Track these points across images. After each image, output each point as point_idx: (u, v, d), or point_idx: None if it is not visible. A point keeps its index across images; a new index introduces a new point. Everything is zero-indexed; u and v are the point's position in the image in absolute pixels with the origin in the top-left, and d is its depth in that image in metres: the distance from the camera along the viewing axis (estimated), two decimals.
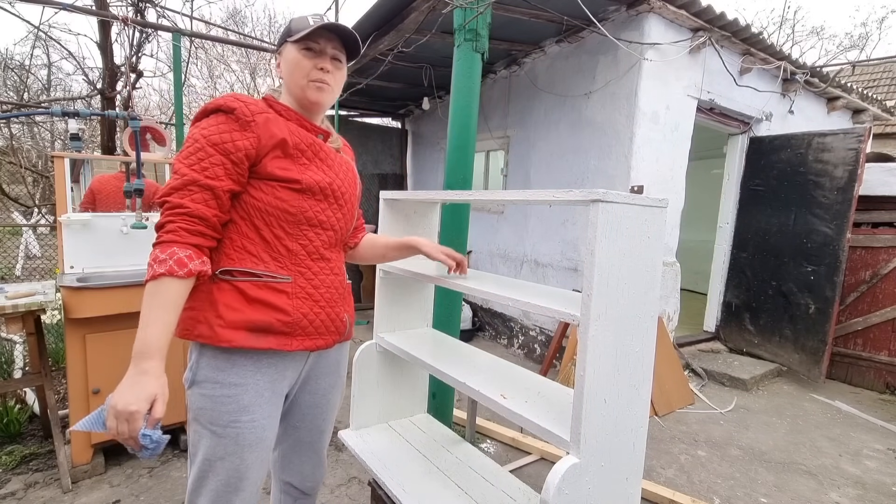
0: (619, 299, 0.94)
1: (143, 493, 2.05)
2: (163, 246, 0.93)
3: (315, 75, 1.07)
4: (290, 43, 1.07)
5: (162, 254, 0.92)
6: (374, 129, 6.48)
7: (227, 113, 1.00)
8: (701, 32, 3.33)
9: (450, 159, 2.22)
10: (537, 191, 1.02)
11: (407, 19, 3.13)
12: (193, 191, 0.95)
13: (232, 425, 1.00)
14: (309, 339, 1.08)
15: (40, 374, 2.19)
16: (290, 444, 1.25)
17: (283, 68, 1.10)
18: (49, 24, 6.90)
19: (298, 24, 1.07)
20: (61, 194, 2.29)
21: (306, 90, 1.07)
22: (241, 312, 0.99)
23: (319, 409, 1.23)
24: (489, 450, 2.56)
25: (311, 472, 1.29)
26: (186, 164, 0.97)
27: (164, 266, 0.91)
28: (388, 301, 1.62)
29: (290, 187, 1.03)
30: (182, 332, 1.01)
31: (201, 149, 0.97)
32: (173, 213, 0.94)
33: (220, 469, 1.01)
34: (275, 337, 1.02)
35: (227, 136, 0.98)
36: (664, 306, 3.64)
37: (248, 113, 1.00)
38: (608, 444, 0.97)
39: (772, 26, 14.18)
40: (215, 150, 0.97)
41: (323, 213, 1.08)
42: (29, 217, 7.03)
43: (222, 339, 0.97)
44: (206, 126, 0.99)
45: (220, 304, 0.99)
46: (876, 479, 2.44)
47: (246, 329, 0.99)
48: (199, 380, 1.01)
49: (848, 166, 3.44)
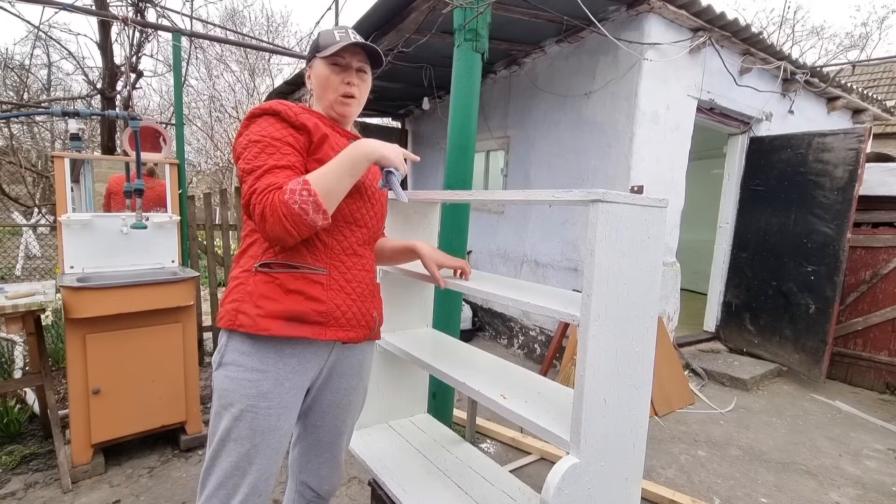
0: (619, 299, 0.94)
1: (143, 493, 2.05)
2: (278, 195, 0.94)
3: (342, 90, 1.15)
4: (319, 58, 1.14)
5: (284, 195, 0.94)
6: (374, 129, 6.48)
7: (273, 115, 1.04)
8: (701, 32, 3.33)
9: (450, 159, 2.22)
10: (537, 191, 1.02)
11: (407, 19, 3.13)
12: (276, 171, 0.98)
13: (250, 409, 1.03)
14: (341, 330, 1.12)
15: (40, 374, 2.19)
16: (310, 444, 1.27)
17: (314, 82, 1.17)
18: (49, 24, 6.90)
19: (326, 40, 1.13)
20: (61, 194, 2.29)
21: (334, 104, 1.16)
22: (279, 303, 1.04)
23: (340, 408, 1.25)
24: (489, 450, 2.56)
25: (328, 474, 1.30)
26: (260, 161, 0.99)
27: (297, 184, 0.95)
28: (388, 301, 1.61)
29: None
30: (225, 322, 1.06)
31: (268, 145, 1.01)
32: (267, 191, 0.95)
33: (232, 450, 1.05)
34: (310, 326, 1.06)
35: (285, 132, 1.03)
36: (664, 306, 3.64)
37: (292, 114, 1.05)
38: (608, 444, 0.97)
39: (772, 26, 14.19)
40: (280, 143, 1.02)
41: (358, 211, 1.14)
42: (29, 217, 7.02)
43: (261, 328, 1.02)
44: (260, 129, 1.03)
45: (259, 295, 1.04)
46: (876, 479, 2.44)
47: (283, 318, 1.04)
48: (225, 362, 1.06)
49: (848, 166, 3.44)
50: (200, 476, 1.09)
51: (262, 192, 0.95)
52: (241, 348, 1.05)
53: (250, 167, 0.99)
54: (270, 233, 0.96)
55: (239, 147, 1.04)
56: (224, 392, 1.06)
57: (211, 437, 1.09)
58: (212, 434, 1.09)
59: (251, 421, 1.04)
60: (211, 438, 1.09)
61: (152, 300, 2.17)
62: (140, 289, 2.13)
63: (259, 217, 0.95)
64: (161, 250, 2.58)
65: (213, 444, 1.07)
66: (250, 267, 1.07)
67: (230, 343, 1.07)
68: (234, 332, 1.06)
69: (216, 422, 1.08)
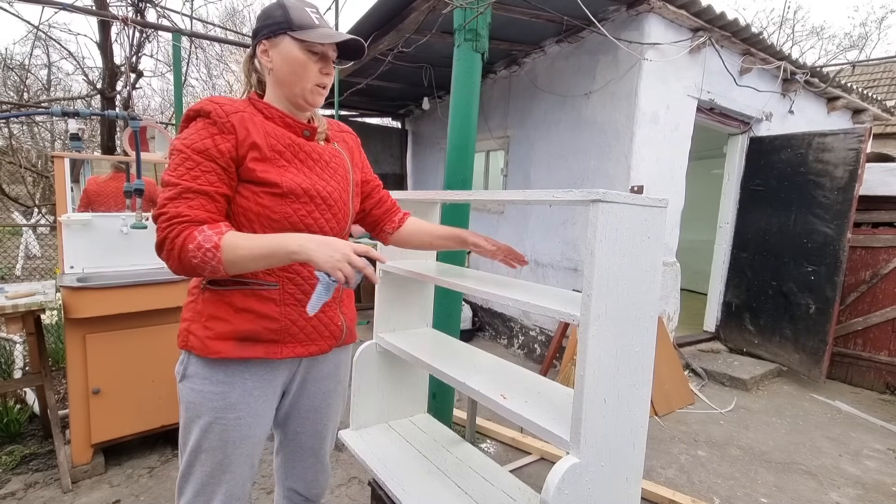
0: (619, 299, 0.94)
1: (143, 493, 2.05)
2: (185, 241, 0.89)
3: (320, 80, 1.04)
4: (291, 38, 1.00)
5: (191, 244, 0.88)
6: (374, 129, 6.48)
7: (204, 117, 0.97)
8: (701, 32, 3.32)
9: (450, 159, 2.22)
10: (537, 191, 1.02)
11: (407, 19, 3.13)
12: (189, 198, 0.92)
13: (218, 421, 1.01)
14: (300, 346, 1.07)
15: (40, 374, 2.19)
16: (292, 450, 1.25)
17: (279, 62, 1.02)
18: (49, 24, 6.89)
19: (300, 17, 1.01)
20: (61, 194, 2.29)
21: (307, 94, 1.04)
22: (228, 323, 1.00)
23: (319, 413, 1.22)
24: (489, 450, 2.56)
25: (314, 477, 1.28)
26: (176, 176, 0.93)
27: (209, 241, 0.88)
28: (388, 301, 1.62)
29: (271, 192, 0.99)
30: (180, 342, 1.04)
31: (188, 158, 0.94)
32: (174, 223, 0.90)
33: (206, 460, 1.03)
34: (263, 345, 1.03)
35: (209, 143, 0.95)
36: (664, 306, 3.64)
37: (222, 114, 0.96)
38: (608, 444, 0.97)
39: (772, 26, 14.19)
40: (202, 158, 0.94)
41: (310, 217, 1.04)
42: (29, 217, 7.03)
43: (211, 351, 0.99)
44: (186, 136, 0.96)
45: (208, 315, 1.01)
46: (876, 479, 2.44)
47: (234, 339, 1.00)
48: (189, 374, 1.03)
49: (848, 166, 3.43)
50: (177, 483, 1.08)
51: (169, 220, 0.90)
52: (204, 361, 1.02)
53: (166, 179, 0.94)
54: (163, 261, 0.92)
55: (170, 150, 0.98)
56: (190, 404, 1.03)
57: (182, 448, 1.07)
58: (182, 445, 1.07)
59: (221, 432, 1.02)
60: (182, 449, 1.06)
61: (152, 300, 2.16)
62: (140, 289, 2.13)
63: (158, 244, 0.91)
64: None
65: (186, 455, 1.05)
66: (199, 283, 1.04)
67: (190, 359, 1.03)
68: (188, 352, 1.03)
69: (185, 433, 1.05)
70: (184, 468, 1.06)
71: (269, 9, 1.03)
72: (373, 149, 6.20)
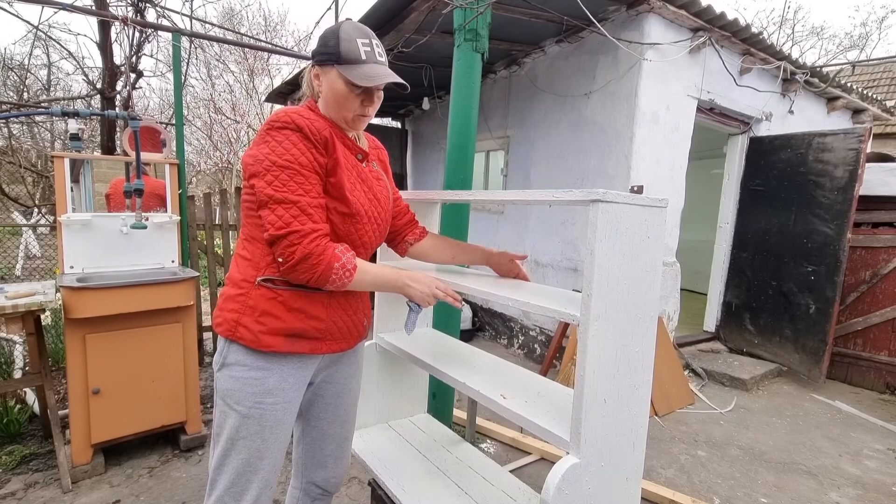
0: (619, 299, 0.94)
1: (143, 493, 2.05)
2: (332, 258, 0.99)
3: (363, 111, 1.11)
4: (338, 72, 1.04)
5: (336, 262, 0.99)
6: (374, 129, 6.47)
7: (297, 132, 1.00)
8: (701, 32, 3.32)
9: (450, 159, 2.22)
10: (537, 191, 1.02)
11: (407, 19, 3.13)
12: (312, 213, 0.99)
13: (257, 406, 1.05)
14: (336, 344, 1.15)
15: (40, 374, 2.19)
16: (314, 438, 1.28)
17: (326, 89, 1.08)
18: (49, 24, 6.90)
19: (349, 51, 1.03)
20: (61, 194, 2.29)
21: (349, 121, 1.11)
22: (281, 320, 1.05)
23: (342, 398, 1.28)
24: (489, 450, 2.56)
25: (334, 465, 1.31)
26: (289, 191, 0.97)
27: (350, 263, 1.01)
28: (389, 301, 1.62)
29: (340, 211, 1.06)
30: (224, 331, 1.06)
31: (297, 173, 0.98)
32: (316, 237, 0.97)
33: (242, 448, 1.06)
34: (308, 342, 1.09)
35: (310, 156, 1.00)
36: (664, 306, 3.64)
37: (315, 131, 1.01)
38: (608, 444, 0.97)
39: (772, 26, 14.20)
40: (308, 171, 1.00)
41: (366, 235, 1.14)
42: (29, 217, 7.03)
43: (263, 345, 1.04)
44: (284, 149, 0.98)
45: (262, 311, 1.04)
46: (876, 479, 2.44)
47: (284, 335, 1.06)
48: (228, 363, 1.06)
49: (848, 166, 3.43)
50: (210, 475, 1.09)
51: (306, 236, 0.96)
52: (244, 349, 1.06)
53: (280, 196, 0.96)
54: (295, 274, 0.98)
55: (257, 163, 0.98)
56: (229, 392, 1.06)
57: (216, 438, 1.09)
58: (217, 434, 1.09)
59: (259, 418, 1.05)
60: (217, 439, 1.09)
61: (152, 300, 2.17)
62: (140, 289, 2.13)
63: (299, 259, 0.96)
64: (161, 250, 2.58)
65: (222, 444, 1.07)
66: (252, 278, 1.06)
67: (232, 346, 1.07)
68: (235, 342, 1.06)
69: (222, 421, 1.08)
70: (218, 459, 1.08)
71: (326, 35, 1.07)
72: None
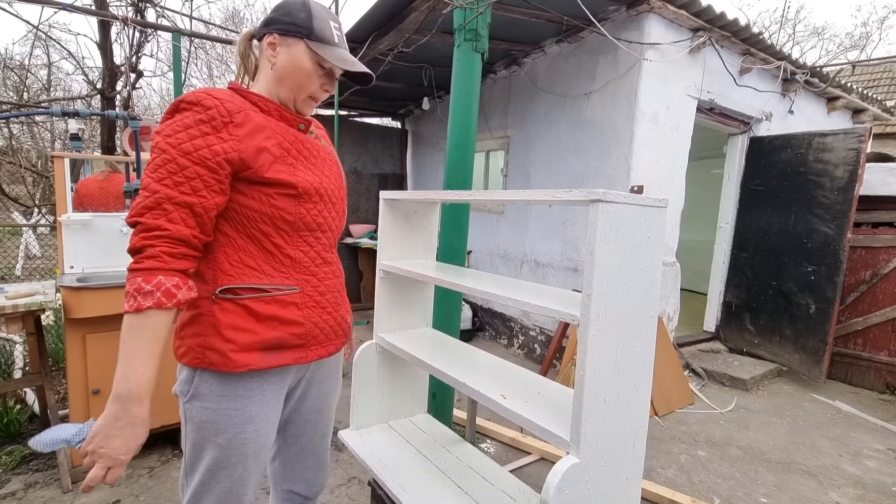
0: (619, 299, 0.94)
1: (143, 493, 2.05)
2: (145, 274, 0.83)
3: (317, 93, 1.04)
4: (307, 47, 0.98)
5: (147, 284, 0.82)
6: (374, 129, 6.47)
7: (199, 112, 0.88)
8: (701, 32, 3.32)
9: (450, 159, 2.22)
10: (537, 191, 1.02)
11: (407, 19, 3.13)
12: (169, 209, 0.85)
13: (238, 437, 0.97)
14: (322, 348, 1.07)
15: (40, 374, 2.19)
16: (293, 453, 1.22)
17: (285, 61, 0.99)
18: (49, 24, 6.90)
19: (322, 29, 0.98)
20: (61, 194, 2.29)
21: (299, 101, 1.03)
22: (253, 333, 0.94)
23: (321, 413, 1.22)
24: (489, 450, 2.56)
25: (314, 476, 1.27)
26: (156, 179, 0.85)
27: (150, 298, 0.82)
28: (388, 301, 1.62)
29: (286, 193, 0.96)
30: (191, 360, 0.95)
31: (171, 160, 0.86)
32: (151, 237, 0.84)
33: (224, 478, 0.98)
34: (290, 352, 1.00)
35: (200, 142, 0.87)
36: (664, 306, 3.64)
37: (224, 113, 0.89)
38: (608, 444, 0.97)
39: (774, 26, 14.20)
40: (188, 161, 0.86)
41: (320, 216, 1.03)
42: (29, 217, 7.03)
43: (238, 365, 0.93)
44: (173, 132, 0.87)
45: (227, 325, 0.93)
46: (876, 479, 2.44)
47: (260, 349, 0.95)
48: (202, 393, 0.95)
49: (848, 166, 3.43)
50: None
51: (144, 232, 0.84)
52: (219, 378, 0.95)
53: (146, 181, 0.86)
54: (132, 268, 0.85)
55: (153, 143, 0.89)
56: (205, 424, 0.95)
57: (191, 469, 0.99)
58: (192, 466, 0.99)
59: (241, 447, 0.97)
60: (192, 470, 0.99)
61: None
62: None
63: (131, 250, 0.85)
64: None
65: (200, 476, 0.97)
66: (207, 293, 0.94)
67: (203, 375, 0.95)
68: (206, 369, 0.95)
69: (196, 454, 0.97)
70: (195, 490, 0.98)
71: (293, 7, 0.99)
72: (373, 149, 6.20)
